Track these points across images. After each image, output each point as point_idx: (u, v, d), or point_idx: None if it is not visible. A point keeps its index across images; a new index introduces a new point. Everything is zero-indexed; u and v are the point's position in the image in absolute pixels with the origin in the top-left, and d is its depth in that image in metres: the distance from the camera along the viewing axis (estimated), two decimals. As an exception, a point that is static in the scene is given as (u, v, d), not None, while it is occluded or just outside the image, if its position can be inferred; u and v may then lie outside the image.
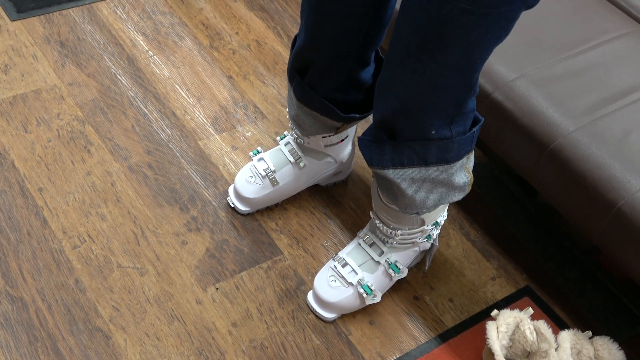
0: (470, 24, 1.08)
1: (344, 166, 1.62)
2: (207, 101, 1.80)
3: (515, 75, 1.44)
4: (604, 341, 1.33)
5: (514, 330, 1.33)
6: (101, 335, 1.35)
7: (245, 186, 1.54)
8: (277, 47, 1.96)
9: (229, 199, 1.57)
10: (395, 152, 1.25)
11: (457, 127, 1.23)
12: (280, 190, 1.55)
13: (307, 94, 1.39)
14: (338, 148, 1.56)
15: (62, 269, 1.43)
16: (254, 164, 1.55)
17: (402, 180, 1.27)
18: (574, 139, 1.34)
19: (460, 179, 1.29)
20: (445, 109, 1.19)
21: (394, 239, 1.41)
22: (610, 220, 1.30)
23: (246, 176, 1.54)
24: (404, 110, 1.20)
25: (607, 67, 1.47)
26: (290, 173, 1.55)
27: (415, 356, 1.41)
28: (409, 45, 1.14)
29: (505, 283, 1.56)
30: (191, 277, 1.46)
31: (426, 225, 1.39)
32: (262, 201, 1.55)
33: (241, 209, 1.56)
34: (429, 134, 1.21)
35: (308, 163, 1.55)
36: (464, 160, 1.28)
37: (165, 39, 1.93)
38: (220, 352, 1.36)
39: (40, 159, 1.60)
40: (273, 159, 1.55)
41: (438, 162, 1.25)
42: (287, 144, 1.56)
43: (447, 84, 1.16)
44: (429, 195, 1.29)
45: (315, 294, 1.43)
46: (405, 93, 1.18)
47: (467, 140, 1.25)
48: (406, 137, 1.23)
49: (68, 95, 1.74)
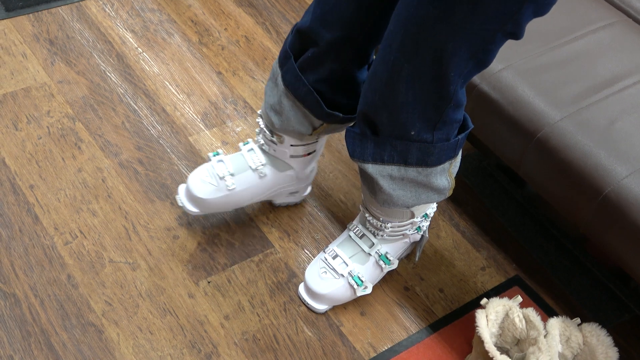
0: (444, 33, 1.09)
1: (302, 185, 1.56)
2: (196, 97, 1.80)
3: (502, 66, 1.45)
4: (592, 328, 1.35)
5: (504, 318, 1.34)
6: (94, 329, 1.36)
7: (199, 186, 1.44)
8: (266, 42, 1.97)
9: (177, 197, 1.48)
10: (377, 148, 1.25)
11: (440, 134, 1.23)
12: (234, 196, 1.46)
13: (296, 79, 1.34)
14: (302, 162, 1.49)
15: (54, 264, 1.44)
16: (213, 164, 1.47)
17: (381, 176, 1.27)
18: (560, 128, 1.36)
19: (440, 183, 1.29)
20: (425, 112, 1.19)
21: (384, 231, 1.42)
22: (597, 208, 1.31)
23: (201, 176, 1.46)
24: (382, 105, 1.20)
25: (592, 56, 1.48)
26: (249, 180, 1.47)
27: (406, 346, 1.42)
28: (392, 42, 1.15)
29: (495, 273, 1.57)
30: (183, 271, 1.46)
31: (416, 217, 1.41)
32: (215, 204, 1.46)
33: (191, 209, 1.46)
34: (408, 134, 1.21)
35: (269, 172, 1.48)
36: (445, 165, 1.28)
37: (154, 35, 1.94)
38: (213, 345, 1.37)
39: (31, 156, 1.61)
40: (233, 162, 1.48)
41: (418, 163, 1.25)
42: (250, 149, 1.49)
43: (421, 88, 1.16)
44: (407, 193, 1.30)
45: (307, 286, 1.44)
46: (384, 89, 1.19)
47: (449, 147, 1.25)
48: (387, 133, 1.23)
49: (58, 92, 1.75)
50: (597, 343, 1.33)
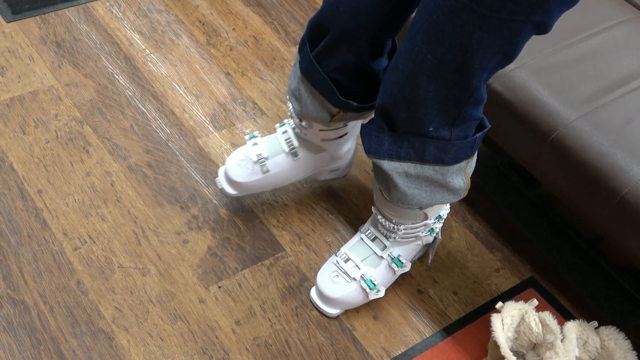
0: (470, 23, 1.07)
1: (342, 164, 1.58)
2: (205, 99, 1.79)
3: (515, 66, 1.43)
4: (610, 331, 1.33)
5: (519, 322, 1.32)
6: (104, 336, 1.34)
7: (235, 169, 1.48)
8: (275, 42, 1.95)
9: (217, 179, 1.52)
10: (394, 144, 1.24)
11: (458, 131, 1.21)
12: (270, 178, 1.50)
13: (312, 67, 1.35)
14: (335, 144, 1.52)
15: (64, 270, 1.42)
16: (247, 147, 1.50)
17: (396, 173, 1.26)
18: (575, 128, 1.33)
19: (456, 183, 1.28)
20: (444, 107, 1.17)
21: (397, 233, 1.40)
22: (614, 209, 1.29)
23: (237, 159, 1.49)
24: (402, 99, 1.19)
25: (607, 54, 1.46)
26: (283, 163, 1.50)
27: (420, 350, 1.40)
28: (416, 33, 1.13)
29: (509, 274, 1.55)
30: (193, 276, 1.45)
31: (429, 219, 1.39)
32: (251, 187, 1.50)
33: (229, 192, 1.50)
34: (426, 130, 1.20)
35: (302, 155, 1.50)
36: (462, 164, 1.26)
37: (162, 37, 1.92)
38: (224, 351, 1.35)
39: (39, 161, 1.59)
40: (267, 145, 1.50)
41: (434, 161, 1.24)
42: (284, 132, 1.51)
43: (443, 80, 1.14)
44: (422, 192, 1.28)
45: (318, 290, 1.42)
46: (404, 81, 1.17)
47: (467, 146, 1.24)
48: (404, 129, 1.22)
49: (65, 95, 1.73)
50: (615, 347, 1.30)
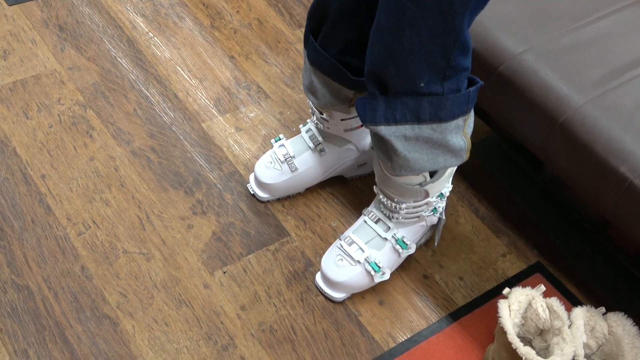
0: None
1: (369, 156, 1.58)
2: (209, 82, 1.77)
3: (523, 48, 1.41)
4: (617, 317, 1.32)
5: (526, 308, 1.31)
6: (109, 322, 1.34)
7: (264, 172, 1.51)
8: (279, 25, 1.93)
9: (249, 185, 1.55)
10: (388, 108, 1.23)
11: (450, 83, 1.21)
12: (300, 177, 1.53)
13: (319, 55, 1.36)
14: (359, 134, 1.53)
15: (68, 256, 1.41)
16: (275, 150, 1.53)
17: (395, 137, 1.25)
18: (584, 113, 1.32)
19: (456, 142, 1.27)
20: (432, 59, 1.17)
21: (399, 213, 1.39)
22: (623, 194, 1.27)
23: (265, 162, 1.53)
24: (389, 56, 1.18)
25: (617, 37, 1.43)
26: (310, 159, 1.52)
27: (426, 335, 1.40)
28: None
29: (515, 259, 1.54)
30: (198, 261, 1.44)
31: (430, 197, 1.37)
32: (282, 188, 1.53)
33: (261, 195, 1.54)
34: (418, 86, 1.19)
35: (328, 150, 1.53)
36: (459, 121, 1.25)
37: (165, 20, 1.90)
38: (230, 336, 1.35)
39: (42, 145, 1.58)
40: (293, 145, 1.53)
41: (431, 119, 1.23)
42: (308, 130, 1.54)
43: (427, 26, 1.13)
44: (423, 156, 1.27)
45: (323, 275, 1.41)
46: (388, 37, 1.17)
47: (461, 99, 1.23)
48: (396, 89, 1.21)
49: (68, 79, 1.72)
50: (623, 333, 1.29)
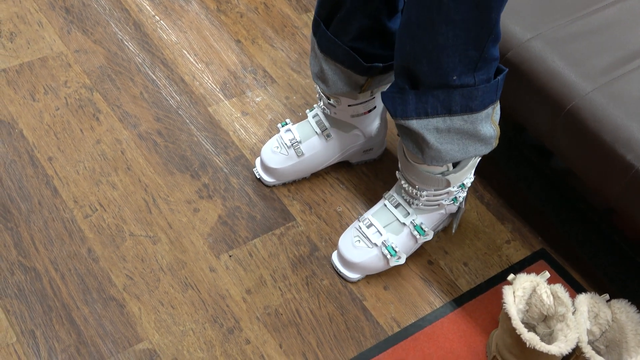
0: None
1: (375, 142, 1.59)
2: (215, 66, 1.77)
3: (530, 35, 1.40)
4: (621, 304, 1.32)
5: (531, 295, 1.32)
6: (115, 304, 1.35)
7: (271, 156, 1.52)
8: (285, 9, 1.93)
9: (255, 170, 1.56)
10: (419, 102, 1.23)
11: (481, 74, 1.20)
12: (306, 161, 1.53)
13: (331, 43, 1.35)
14: (365, 120, 1.53)
15: (75, 238, 1.42)
16: (281, 134, 1.53)
17: (427, 130, 1.25)
18: (591, 100, 1.32)
19: (486, 131, 1.28)
20: (466, 51, 1.16)
21: (420, 200, 1.39)
22: (629, 182, 1.28)
23: (272, 146, 1.53)
24: (423, 52, 1.18)
25: (624, 24, 1.43)
26: (317, 144, 1.53)
27: (430, 321, 1.40)
28: None
29: (520, 246, 1.54)
30: (204, 244, 1.45)
31: (452, 186, 1.38)
32: (288, 172, 1.53)
33: (267, 180, 1.54)
34: (450, 79, 1.19)
35: (335, 135, 1.53)
36: (489, 110, 1.26)
37: (171, 3, 1.90)
38: (235, 319, 1.36)
39: (49, 128, 1.58)
40: (300, 130, 1.54)
41: (462, 111, 1.23)
42: (315, 115, 1.54)
43: (463, 20, 1.12)
44: (454, 146, 1.27)
45: (340, 254, 1.42)
46: (423, 33, 1.16)
47: (491, 89, 1.23)
48: (428, 84, 1.21)
49: (75, 62, 1.72)
50: (627, 320, 1.30)
